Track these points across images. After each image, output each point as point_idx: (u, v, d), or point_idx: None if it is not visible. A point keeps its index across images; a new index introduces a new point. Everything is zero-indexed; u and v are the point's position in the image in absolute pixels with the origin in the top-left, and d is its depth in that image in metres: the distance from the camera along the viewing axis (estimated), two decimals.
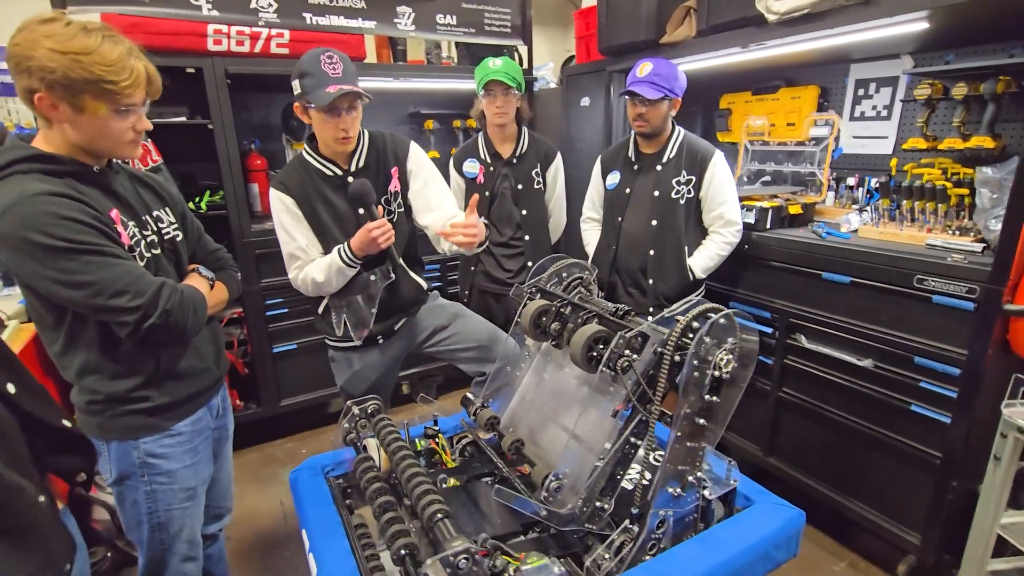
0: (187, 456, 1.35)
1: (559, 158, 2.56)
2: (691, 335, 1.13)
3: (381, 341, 1.90)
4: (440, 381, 3.47)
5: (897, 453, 1.90)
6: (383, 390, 2.02)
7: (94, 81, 1.06)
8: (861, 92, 2.40)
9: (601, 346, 1.20)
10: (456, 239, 1.59)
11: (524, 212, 2.48)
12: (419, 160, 1.86)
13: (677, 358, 1.15)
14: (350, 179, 1.75)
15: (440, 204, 1.84)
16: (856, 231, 2.10)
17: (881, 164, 2.32)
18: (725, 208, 2.06)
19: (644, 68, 1.99)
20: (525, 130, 2.51)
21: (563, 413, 1.39)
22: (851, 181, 2.42)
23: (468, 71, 3.23)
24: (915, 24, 1.67)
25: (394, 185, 1.83)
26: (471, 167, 2.49)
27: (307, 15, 2.58)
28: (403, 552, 1.02)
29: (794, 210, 2.28)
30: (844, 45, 2.04)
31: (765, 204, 2.23)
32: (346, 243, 1.69)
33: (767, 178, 2.76)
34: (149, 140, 2.28)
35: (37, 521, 0.82)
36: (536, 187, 2.50)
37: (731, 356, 1.15)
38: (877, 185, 2.20)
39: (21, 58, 1.03)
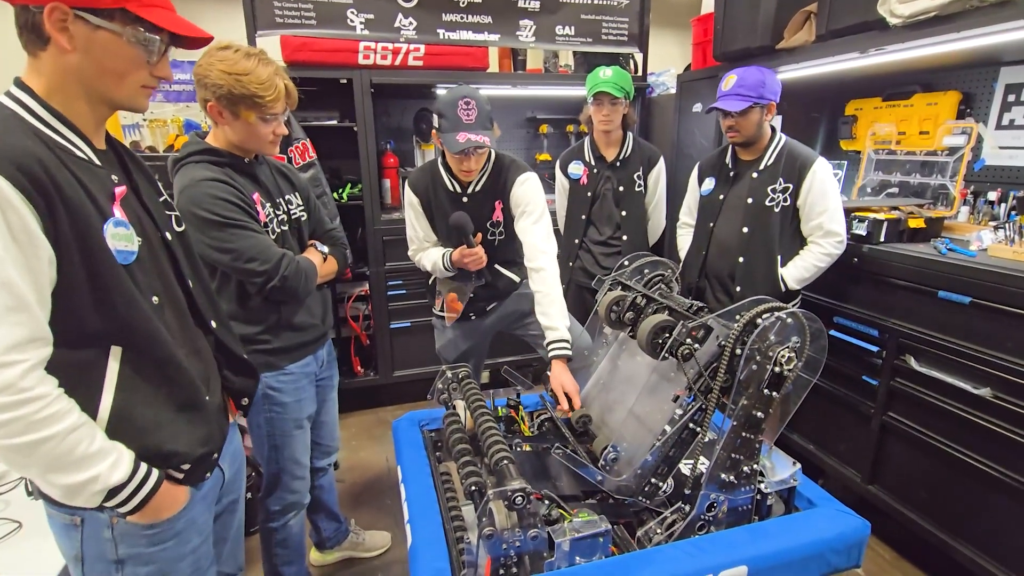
0: (296, 393, 1.67)
1: (662, 163, 2.66)
2: (754, 330, 1.19)
3: (474, 318, 2.15)
4: (537, 369, 3.66)
5: (1016, 495, 1.73)
6: (473, 359, 2.27)
7: (249, 96, 1.38)
8: (1011, 98, 2.18)
9: (667, 335, 1.30)
10: None
11: (624, 213, 2.60)
12: (519, 197, 1.94)
13: (739, 351, 1.21)
14: (464, 199, 1.98)
15: (525, 239, 1.93)
16: (986, 249, 1.92)
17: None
18: (825, 218, 2.00)
19: (728, 82, 2.01)
20: (630, 135, 2.61)
21: (631, 397, 1.50)
22: (992, 196, 2.20)
23: (582, 78, 3.38)
24: None
25: (497, 215, 2.01)
26: (575, 168, 2.64)
27: (441, 31, 2.91)
28: (473, 488, 1.21)
29: (915, 224, 2.12)
30: (992, 46, 1.88)
31: (880, 216, 2.11)
32: (449, 252, 1.98)
33: (893, 189, 2.58)
34: (308, 139, 2.72)
35: (203, 409, 1.05)
36: (637, 190, 2.60)
37: (793, 355, 1.19)
38: (1016, 201, 2.00)
39: (201, 76, 1.38)
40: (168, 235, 1.05)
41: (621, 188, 2.58)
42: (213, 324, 1.14)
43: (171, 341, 0.98)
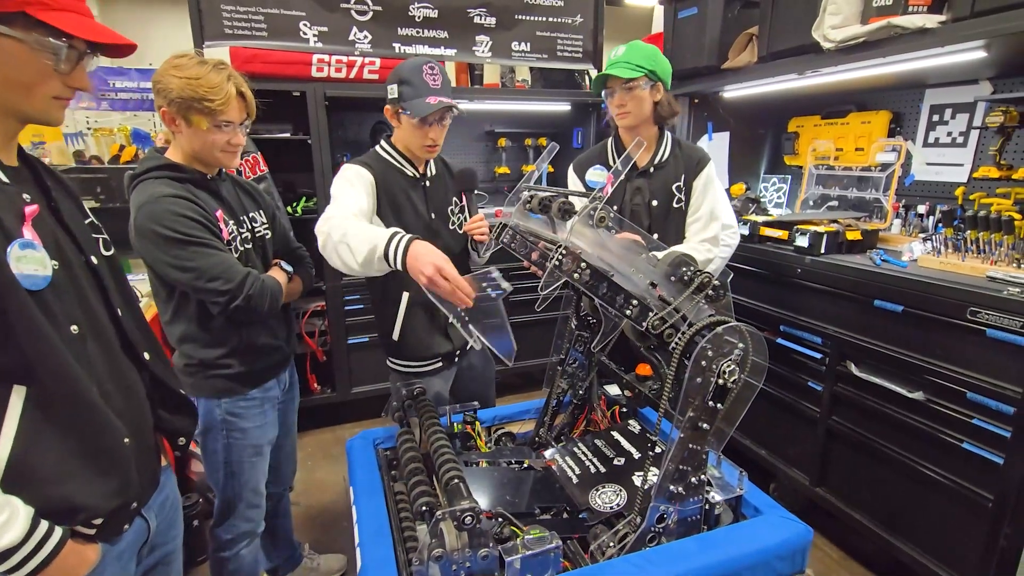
0: (258, 418, 1.62)
1: (711, 167, 1.98)
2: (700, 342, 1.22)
3: (441, 364, 1.86)
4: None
5: (948, 492, 1.82)
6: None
7: (198, 99, 1.35)
8: (936, 118, 2.32)
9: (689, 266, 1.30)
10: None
11: (655, 236, 1.85)
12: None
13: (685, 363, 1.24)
14: (427, 183, 1.78)
15: None
16: (916, 260, 2.04)
17: (950, 193, 2.23)
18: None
19: None
20: (668, 134, 1.96)
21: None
22: (921, 209, 2.34)
23: (539, 93, 3.46)
24: (974, 53, 1.64)
25: (463, 204, 1.87)
26: (597, 175, 2.00)
27: (396, 44, 2.90)
28: (423, 508, 1.19)
29: (852, 236, 2.23)
30: (917, 70, 2.01)
31: (821, 229, 2.21)
32: (405, 240, 1.32)
33: (833, 203, 2.71)
34: (259, 152, 2.67)
35: (119, 455, 0.94)
36: (675, 206, 1.95)
37: (736, 366, 1.23)
38: (941, 215, 2.13)
39: (156, 81, 1.37)
40: (94, 259, 0.98)
41: (654, 202, 1.92)
42: (146, 356, 1.06)
43: (85, 378, 0.89)
